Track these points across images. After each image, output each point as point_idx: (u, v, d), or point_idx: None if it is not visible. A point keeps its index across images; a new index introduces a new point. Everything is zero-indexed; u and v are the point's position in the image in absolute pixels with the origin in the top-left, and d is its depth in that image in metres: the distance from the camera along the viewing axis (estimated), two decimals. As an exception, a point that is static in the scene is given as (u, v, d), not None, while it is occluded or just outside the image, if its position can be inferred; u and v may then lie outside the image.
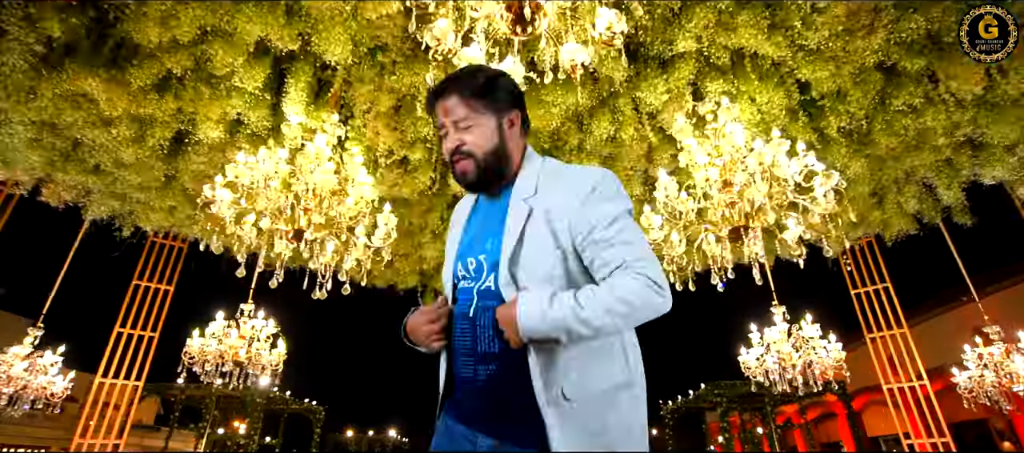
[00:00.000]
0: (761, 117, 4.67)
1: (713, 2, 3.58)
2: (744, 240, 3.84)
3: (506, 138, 1.16)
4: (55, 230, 7.27)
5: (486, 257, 1.09)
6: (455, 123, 1.14)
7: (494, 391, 1.02)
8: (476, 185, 1.16)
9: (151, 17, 3.52)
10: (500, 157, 1.15)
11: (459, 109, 1.14)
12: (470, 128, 1.14)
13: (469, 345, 1.06)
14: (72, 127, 4.51)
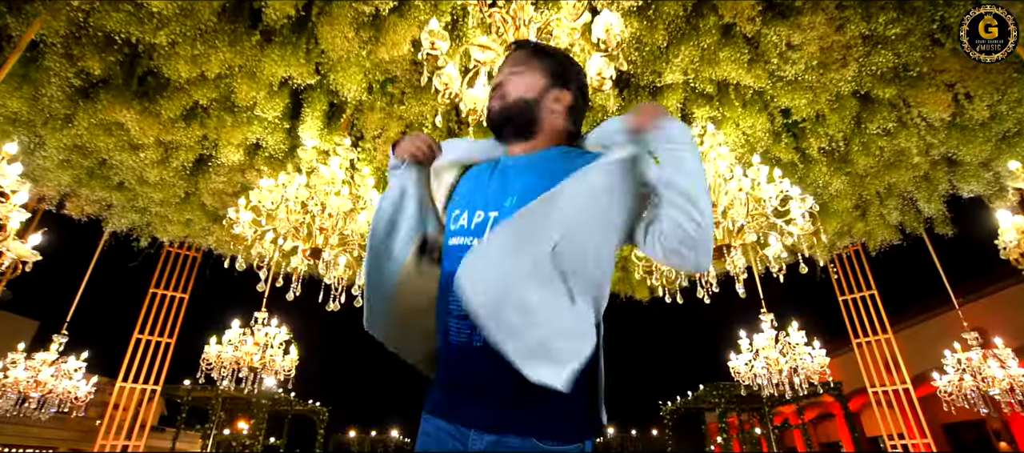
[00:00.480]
0: (746, 139, 5.03)
1: (697, 40, 3.93)
2: (727, 257, 4.20)
3: (544, 102, 1.16)
4: (76, 240, 7.65)
5: (497, 216, 1.04)
6: (510, 69, 1.19)
7: (490, 361, 0.91)
8: (495, 123, 1.17)
9: (182, 56, 3.88)
10: (527, 112, 1.15)
11: (520, 59, 1.20)
12: (520, 74, 1.17)
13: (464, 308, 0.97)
14: (102, 150, 4.89)
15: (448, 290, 1.01)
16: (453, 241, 1.06)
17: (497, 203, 1.06)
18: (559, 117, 1.17)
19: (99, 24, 3.65)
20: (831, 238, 6.95)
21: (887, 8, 3.83)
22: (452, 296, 0.99)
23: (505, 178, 1.11)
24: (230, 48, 3.68)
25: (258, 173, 5.15)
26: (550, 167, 1.09)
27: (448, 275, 1.02)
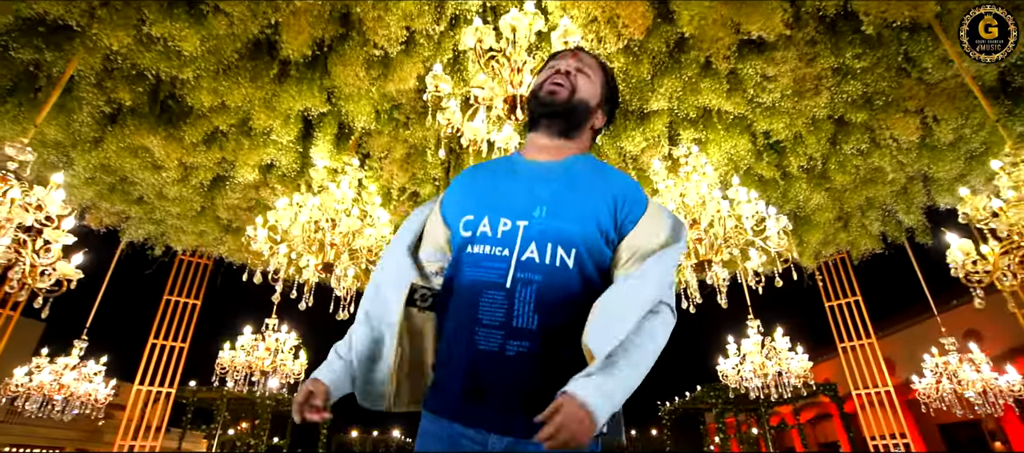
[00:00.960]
0: (730, 158, 5.40)
1: (679, 72, 4.30)
2: (708, 271, 4.57)
3: (594, 115, 1.20)
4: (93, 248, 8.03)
5: (526, 226, 1.04)
6: (579, 65, 1.20)
7: (521, 371, 0.95)
8: (553, 109, 1.16)
9: (205, 88, 4.26)
10: (583, 116, 1.17)
11: (589, 63, 1.22)
12: (589, 78, 1.19)
13: (501, 318, 0.97)
14: (126, 170, 5.28)
15: (476, 300, 1.00)
16: (477, 249, 1.04)
17: (525, 212, 1.05)
18: (590, 135, 1.22)
19: (132, 61, 4.03)
20: (816, 247, 7.32)
21: (854, 43, 4.20)
22: (483, 307, 0.99)
23: (530, 185, 1.10)
24: (251, 83, 4.06)
25: (271, 190, 5.54)
26: (577, 178, 1.11)
27: (474, 284, 1.01)
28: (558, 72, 1.17)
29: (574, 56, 1.21)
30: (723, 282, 4.75)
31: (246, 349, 6.68)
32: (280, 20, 3.60)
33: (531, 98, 1.22)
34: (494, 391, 0.96)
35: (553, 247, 1.02)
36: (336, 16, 3.67)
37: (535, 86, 1.21)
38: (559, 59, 1.21)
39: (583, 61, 1.21)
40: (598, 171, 1.14)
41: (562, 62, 1.19)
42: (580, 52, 1.23)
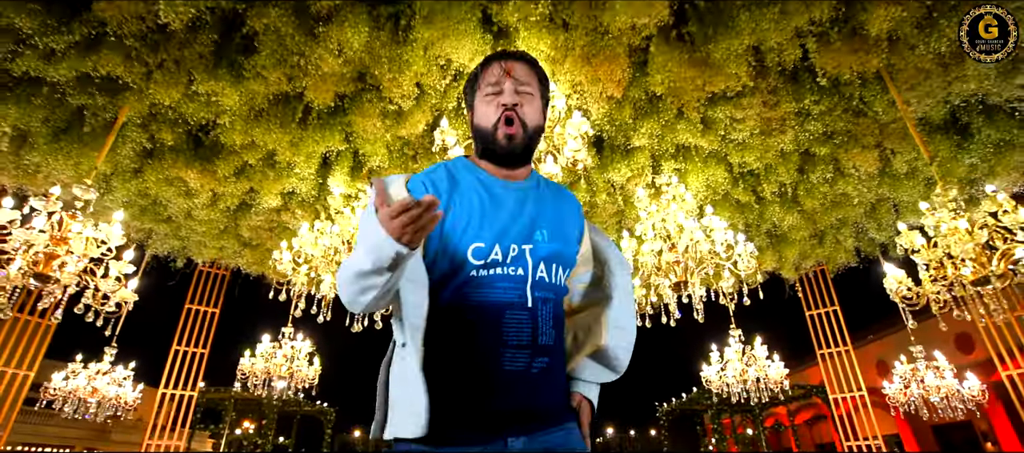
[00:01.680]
0: (708, 185, 6.01)
1: (657, 116, 4.91)
2: (684, 291, 5.18)
3: (541, 130, 1.20)
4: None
5: (533, 251, 1.09)
6: (517, 87, 1.17)
7: (542, 384, 1.04)
8: (517, 155, 1.17)
9: (238, 130, 4.89)
10: (536, 139, 1.19)
11: (523, 73, 1.19)
12: (530, 97, 1.18)
13: (528, 338, 1.03)
14: (162, 196, 5.91)
15: (499, 321, 1.03)
16: (492, 271, 1.06)
17: (528, 236, 1.10)
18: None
19: (177, 110, 4.66)
20: (795, 260, 7.92)
21: (812, 90, 4.80)
22: (508, 327, 1.02)
23: (523, 209, 1.14)
24: (280, 128, 4.69)
25: (292, 214, 6.17)
26: (552, 200, 1.22)
27: (494, 305, 1.03)
28: (506, 110, 1.15)
29: (507, 73, 1.17)
30: (700, 299, 5.37)
31: (265, 356, 7.32)
32: (309, 83, 4.23)
33: (482, 139, 1.18)
34: (520, 404, 1.01)
35: (556, 268, 1.12)
36: (356, 76, 4.29)
37: (484, 126, 1.17)
38: (495, 82, 1.17)
39: (519, 80, 1.18)
40: (557, 190, 1.27)
41: (506, 93, 1.16)
42: (514, 66, 1.19)
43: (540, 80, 1.23)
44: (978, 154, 5.52)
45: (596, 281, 1.26)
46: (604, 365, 1.21)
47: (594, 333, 1.21)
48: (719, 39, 3.91)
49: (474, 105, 1.22)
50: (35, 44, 4.09)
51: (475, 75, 1.23)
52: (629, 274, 1.27)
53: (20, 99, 4.62)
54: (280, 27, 3.75)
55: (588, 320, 1.23)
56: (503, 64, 1.19)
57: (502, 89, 1.17)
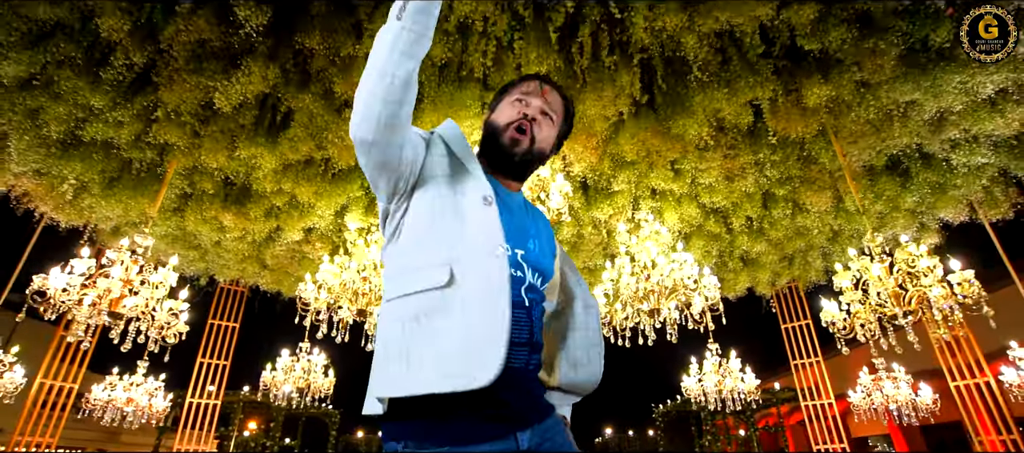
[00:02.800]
0: (682, 220, 6.85)
1: (633, 168, 5.75)
2: (657, 316, 6.03)
3: (545, 158, 1.28)
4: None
5: (525, 256, 1.14)
6: (544, 107, 1.25)
7: (536, 381, 1.14)
8: (517, 162, 1.22)
9: (270, 180, 5.74)
10: (534, 166, 1.26)
11: (556, 101, 1.28)
12: (550, 122, 1.26)
13: (526, 336, 1.08)
14: (198, 233, 6.77)
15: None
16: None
17: (522, 242, 1.15)
18: None
19: (214, 159, 5.51)
20: (769, 279, 8.76)
21: (767, 144, 5.63)
22: (518, 327, 1.06)
23: (520, 218, 1.20)
24: (306, 182, 5.55)
25: (312, 246, 7.03)
26: (539, 218, 1.29)
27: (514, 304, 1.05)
28: (524, 120, 1.21)
29: (543, 94, 1.25)
30: (673, 322, 6.23)
31: (284, 369, 8.20)
32: (333, 150, 5.08)
33: (490, 133, 1.25)
34: (523, 399, 1.06)
35: (543, 275, 1.17)
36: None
37: (497, 122, 1.24)
38: (528, 92, 1.25)
39: (550, 102, 1.25)
40: (538, 213, 1.32)
41: (532, 106, 1.23)
42: (549, 87, 1.27)
43: (566, 117, 1.31)
44: (919, 193, 6.38)
45: (558, 313, 1.29)
46: (564, 394, 1.27)
47: (553, 370, 1.25)
48: (678, 118, 4.76)
49: (498, 106, 1.28)
50: (106, 117, 4.95)
51: (511, 84, 1.30)
52: (597, 314, 1.31)
53: (84, 156, 5.48)
54: (311, 108, 4.60)
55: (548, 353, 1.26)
56: (542, 85, 1.26)
57: (530, 102, 1.23)
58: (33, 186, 6.08)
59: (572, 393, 1.28)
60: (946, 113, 5.29)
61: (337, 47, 4.20)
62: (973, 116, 5.28)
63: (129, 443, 26.31)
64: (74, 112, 4.98)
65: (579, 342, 1.27)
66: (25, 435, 7.53)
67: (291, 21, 4.30)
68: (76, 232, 7.01)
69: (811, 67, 4.79)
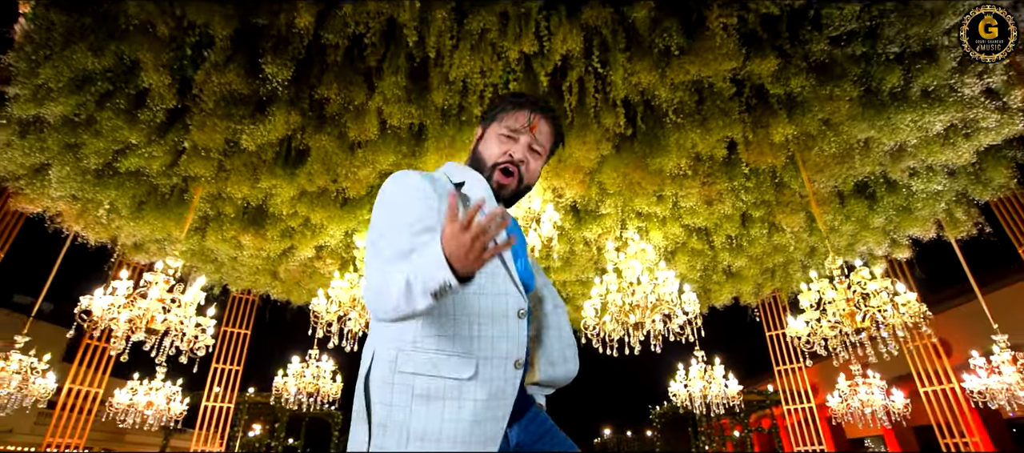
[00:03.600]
0: (667, 238, 7.44)
1: (617, 195, 6.34)
2: (641, 330, 6.62)
3: (536, 181, 1.35)
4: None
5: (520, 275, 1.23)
6: (532, 143, 1.30)
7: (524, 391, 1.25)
8: (508, 195, 1.30)
9: (286, 204, 6.34)
10: (523, 194, 1.33)
11: (544, 135, 1.32)
12: (537, 157, 1.32)
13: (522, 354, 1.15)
14: (218, 252, 7.37)
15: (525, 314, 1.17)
16: None
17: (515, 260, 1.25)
18: None
19: (238, 189, 6.11)
20: (752, 290, 9.34)
21: (742, 173, 6.21)
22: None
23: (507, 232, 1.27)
24: (321, 209, 6.15)
25: (323, 262, 7.63)
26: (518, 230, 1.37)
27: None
28: (511, 163, 1.27)
29: (534, 127, 1.28)
30: (658, 334, 6.82)
31: (295, 375, 8.81)
32: (347, 183, 5.68)
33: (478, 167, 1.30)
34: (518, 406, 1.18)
35: (528, 288, 1.27)
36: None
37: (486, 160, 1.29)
38: (517, 130, 1.28)
39: (538, 140, 1.30)
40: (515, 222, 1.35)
41: (519, 147, 1.27)
42: (539, 119, 1.29)
43: (556, 141, 1.36)
44: (885, 215, 6.97)
45: (530, 313, 1.30)
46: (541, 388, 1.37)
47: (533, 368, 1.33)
48: (656, 156, 5.35)
49: (487, 133, 1.33)
50: (140, 151, 5.55)
51: (502, 107, 1.32)
52: (565, 312, 1.38)
53: (119, 184, 6.09)
54: (326, 147, 5.21)
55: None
56: (533, 116, 1.28)
57: (519, 140, 1.27)
58: (67, 208, 6.68)
59: (550, 387, 1.37)
60: (904, 145, 5.88)
61: (351, 96, 4.80)
62: (927, 148, 5.87)
63: (134, 442, 26.97)
64: (112, 146, 5.58)
65: (554, 342, 1.35)
66: (56, 436, 8.14)
67: (309, 72, 4.90)
68: (102, 246, 7.63)
69: (777, 108, 5.37)
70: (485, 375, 1.08)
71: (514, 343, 1.13)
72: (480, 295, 1.13)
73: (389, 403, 1.06)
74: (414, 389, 1.06)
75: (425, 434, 1.03)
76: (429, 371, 1.08)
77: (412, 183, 1.16)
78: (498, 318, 1.13)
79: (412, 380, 1.07)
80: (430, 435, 1.03)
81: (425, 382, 1.07)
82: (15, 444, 22.97)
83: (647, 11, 4.31)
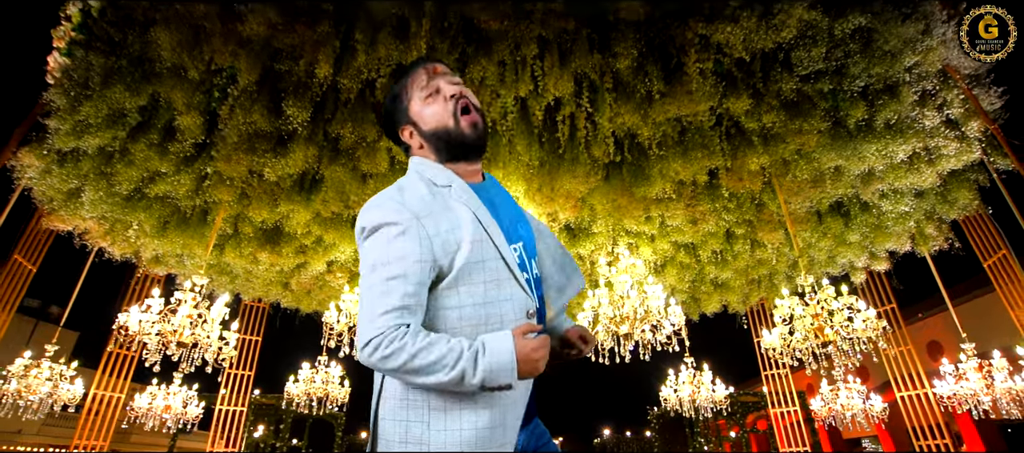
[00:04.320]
0: (656, 253, 8.00)
1: (607, 216, 6.90)
2: (630, 340, 7.18)
3: None
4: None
5: (525, 246, 1.22)
6: (448, 79, 1.27)
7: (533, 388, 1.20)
8: (481, 139, 1.26)
9: (301, 224, 6.91)
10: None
11: (447, 69, 1.31)
12: (465, 86, 1.28)
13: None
14: (235, 265, 7.95)
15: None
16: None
17: (517, 234, 1.24)
18: None
19: (258, 214, 6.68)
20: (740, 298, 9.90)
21: (723, 195, 6.77)
22: None
23: (506, 210, 1.28)
24: (335, 230, 6.72)
25: (334, 275, 8.20)
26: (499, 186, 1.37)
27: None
28: (459, 100, 1.24)
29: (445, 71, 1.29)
30: (647, 344, 7.39)
31: (305, 381, 9.39)
32: (358, 209, 6.22)
33: (445, 138, 1.24)
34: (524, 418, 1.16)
35: (533, 260, 1.29)
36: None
37: (443, 124, 1.23)
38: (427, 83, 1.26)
39: (448, 73, 1.29)
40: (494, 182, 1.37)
41: (446, 86, 1.25)
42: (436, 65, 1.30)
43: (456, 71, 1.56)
44: (859, 232, 7.52)
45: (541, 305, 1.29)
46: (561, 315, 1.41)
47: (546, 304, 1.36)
48: (641, 185, 5.91)
49: (415, 114, 1.26)
50: (169, 179, 6.12)
51: (398, 91, 1.29)
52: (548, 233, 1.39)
53: (147, 207, 6.66)
54: (341, 178, 5.77)
55: None
56: (427, 66, 1.26)
57: (438, 85, 1.24)
58: (96, 226, 7.25)
59: (565, 309, 1.43)
60: (872, 171, 6.43)
61: (363, 134, 5.36)
62: (893, 174, 6.42)
63: (139, 443, 27.58)
64: (143, 174, 6.15)
65: (553, 271, 1.37)
66: (83, 439, 8.73)
67: (325, 109, 5.46)
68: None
69: (754, 139, 5.92)
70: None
71: None
72: (486, 304, 1.13)
73: (405, 420, 1.09)
74: (430, 404, 1.08)
75: (446, 444, 1.05)
76: None
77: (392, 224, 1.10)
78: (507, 324, 1.13)
79: (428, 396, 1.09)
80: (451, 444, 1.05)
81: (439, 398, 1.08)
82: (25, 445, 23.54)
83: (630, 60, 4.86)
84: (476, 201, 1.19)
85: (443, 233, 1.12)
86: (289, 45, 4.91)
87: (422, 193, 1.17)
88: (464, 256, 1.12)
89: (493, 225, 1.17)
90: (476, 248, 1.13)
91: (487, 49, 4.86)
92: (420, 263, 1.08)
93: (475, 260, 1.12)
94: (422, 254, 1.09)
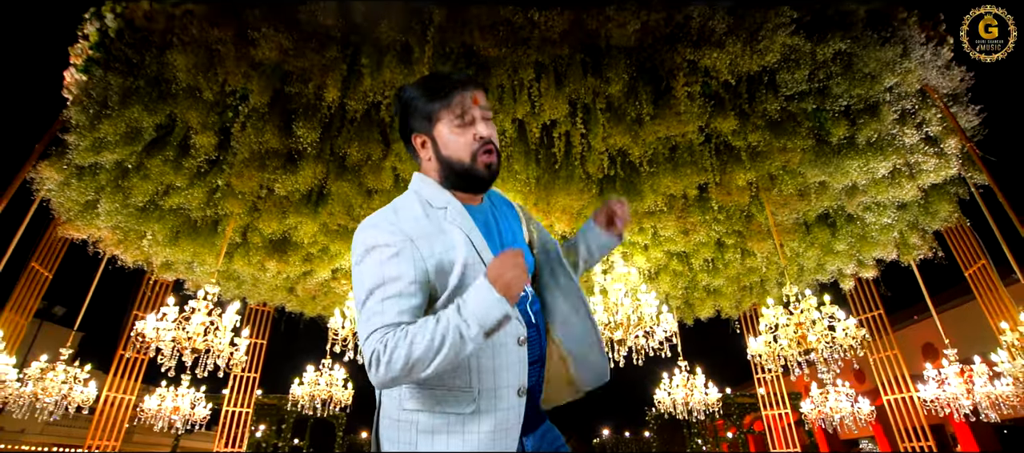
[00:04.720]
0: (650, 261, 8.32)
1: (603, 225, 7.20)
2: (624, 346, 7.50)
3: None
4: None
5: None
6: (483, 113, 1.27)
7: (538, 392, 1.22)
8: (491, 182, 1.29)
9: (308, 233, 7.23)
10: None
11: (484, 100, 1.29)
12: (493, 124, 1.30)
13: (537, 353, 1.18)
14: (243, 273, 8.27)
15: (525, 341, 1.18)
16: None
17: None
18: None
19: (267, 226, 6.99)
20: (733, 304, 10.22)
21: (713, 207, 7.08)
22: (530, 346, 1.18)
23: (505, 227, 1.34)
24: (341, 240, 7.03)
25: (337, 281, 8.52)
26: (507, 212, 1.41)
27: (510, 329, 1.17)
28: (491, 148, 1.27)
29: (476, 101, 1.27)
30: (642, 348, 7.71)
31: (310, 384, 9.72)
32: (362, 219, 6.52)
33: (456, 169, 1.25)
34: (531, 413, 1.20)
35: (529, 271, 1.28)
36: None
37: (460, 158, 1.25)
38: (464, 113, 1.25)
39: (484, 108, 1.29)
40: (501, 200, 1.43)
41: (480, 124, 1.25)
42: (477, 95, 1.28)
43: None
44: (846, 241, 7.84)
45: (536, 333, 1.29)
46: None
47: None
48: (633, 200, 6.23)
49: (438, 133, 1.27)
50: (182, 192, 6.44)
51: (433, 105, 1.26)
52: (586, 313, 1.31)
53: (160, 217, 6.97)
54: (347, 193, 6.09)
55: None
56: (467, 93, 1.26)
57: (474, 118, 1.26)
58: (109, 235, 7.57)
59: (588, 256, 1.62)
60: (855, 185, 6.74)
61: (368, 152, 5.68)
62: (876, 188, 6.73)
63: (140, 442, 27.92)
64: (157, 187, 6.47)
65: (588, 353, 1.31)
66: (96, 440, 9.06)
67: (332, 127, 5.77)
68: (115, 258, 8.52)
69: (740, 156, 6.23)
70: (488, 407, 1.11)
71: (515, 372, 1.15)
72: None
73: (396, 441, 1.12)
74: (418, 426, 1.10)
75: None
76: (431, 407, 1.13)
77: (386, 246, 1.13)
78: (498, 349, 1.14)
79: (416, 417, 1.11)
80: None
81: (428, 418, 1.11)
82: (28, 444, 23.87)
83: (622, 84, 5.18)
84: (470, 224, 1.22)
85: (437, 255, 1.15)
86: (299, 68, 5.21)
87: (417, 214, 1.21)
88: (456, 278, 1.14)
89: (486, 248, 1.20)
90: (469, 271, 1.15)
91: (486, 73, 5.17)
92: (414, 284, 1.10)
93: (467, 283, 1.13)
94: (416, 275, 1.11)
